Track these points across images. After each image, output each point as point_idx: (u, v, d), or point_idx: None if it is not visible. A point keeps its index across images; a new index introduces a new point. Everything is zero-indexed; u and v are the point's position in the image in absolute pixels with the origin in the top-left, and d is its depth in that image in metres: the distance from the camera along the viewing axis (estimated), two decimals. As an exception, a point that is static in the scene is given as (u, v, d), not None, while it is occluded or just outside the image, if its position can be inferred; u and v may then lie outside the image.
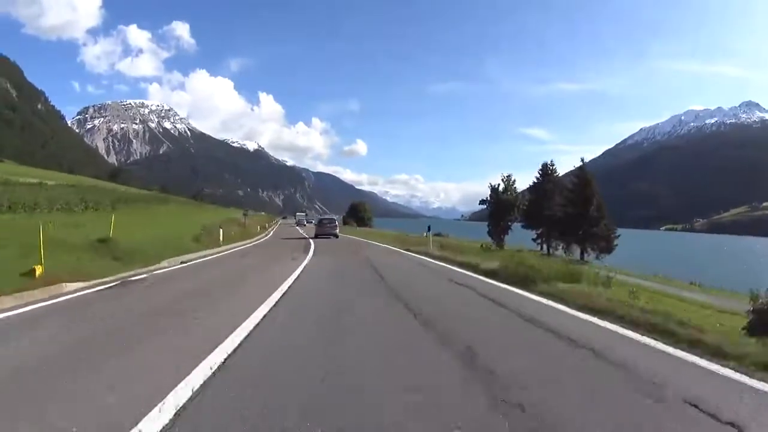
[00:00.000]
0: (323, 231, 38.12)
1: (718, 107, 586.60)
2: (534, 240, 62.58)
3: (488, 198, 56.99)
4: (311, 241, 33.16)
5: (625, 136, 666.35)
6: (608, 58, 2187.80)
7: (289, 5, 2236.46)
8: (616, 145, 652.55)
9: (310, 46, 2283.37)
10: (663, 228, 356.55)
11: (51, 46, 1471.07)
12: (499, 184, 56.64)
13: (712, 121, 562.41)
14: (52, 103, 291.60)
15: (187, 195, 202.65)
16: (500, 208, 54.37)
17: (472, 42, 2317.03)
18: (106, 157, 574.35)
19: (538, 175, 60.39)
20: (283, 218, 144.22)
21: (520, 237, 61.02)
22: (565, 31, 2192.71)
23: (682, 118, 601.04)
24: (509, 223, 55.60)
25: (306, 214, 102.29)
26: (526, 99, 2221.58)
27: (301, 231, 51.92)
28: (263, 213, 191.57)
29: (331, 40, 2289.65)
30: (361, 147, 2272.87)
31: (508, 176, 57.69)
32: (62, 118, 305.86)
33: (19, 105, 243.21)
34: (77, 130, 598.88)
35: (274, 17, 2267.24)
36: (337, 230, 39.69)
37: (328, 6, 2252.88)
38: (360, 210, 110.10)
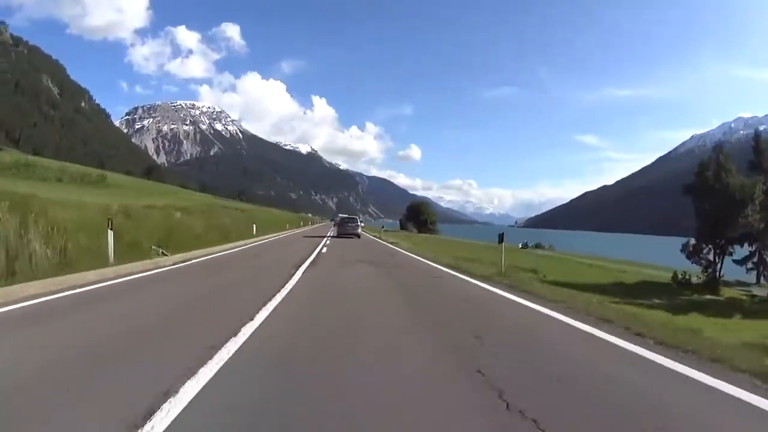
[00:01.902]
0: (344, 231, 35.94)
1: (767, 114, 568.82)
2: (740, 263, 35.62)
3: (696, 183, 30.34)
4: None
5: (676, 144, 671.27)
6: (657, 63, 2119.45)
7: (342, 9, 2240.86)
8: (668, 152, 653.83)
9: (363, 50, 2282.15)
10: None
11: (97, 46, 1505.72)
12: (709, 159, 30.41)
13: (762, 128, 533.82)
14: (96, 102, 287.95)
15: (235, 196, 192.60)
16: (725, 201, 27.14)
17: (524, 48, 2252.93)
18: (155, 157, 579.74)
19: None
20: (331, 220, 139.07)
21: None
22: (615, 36, 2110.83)
23: (732, 125, 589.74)
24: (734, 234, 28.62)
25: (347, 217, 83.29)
26: (577, 105, 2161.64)
27: (329, 233, 42.07)
28: (310, 214, 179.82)
29: (385, 44, 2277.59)
30: (415, 152, 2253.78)
31: (718, 146, 31.10)
32: (107, 116, 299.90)
33: (60, 103, 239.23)
34: (126, 130, 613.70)
35: (327, 20, 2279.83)
36: (359, 230, 37.98)
37: (382, 12, 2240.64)
38: (421, 212, 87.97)
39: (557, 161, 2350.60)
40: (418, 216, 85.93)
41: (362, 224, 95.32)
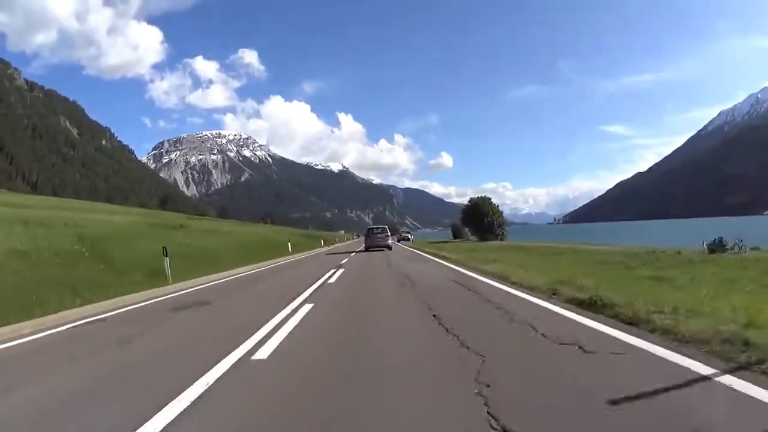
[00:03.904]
0: (374, 243, 32.58)
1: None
2: None
3: None
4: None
5: (705, 122, 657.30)
6: (674, 43, 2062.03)
7: (357, 24, 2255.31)
8: (698, 132, 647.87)
9: (383, 62, 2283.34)
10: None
11: (116, 84, 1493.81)
12: None
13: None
14: (118, 139, 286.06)
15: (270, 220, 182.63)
16: None
17: (542, 43, 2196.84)
18: (185, 190, 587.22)
19: None
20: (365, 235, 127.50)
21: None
22: (628, 19, 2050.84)
23: (759, 96, 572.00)
24: None
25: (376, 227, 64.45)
26: (600, 95, 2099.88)
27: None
28: (342, 231, 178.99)
29: (404, 54, 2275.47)
30: (446, 160, 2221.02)
31: None
32: (131, 152, 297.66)
33: (80, 142, 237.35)
34: (153, 165, 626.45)
35: (343, 36, 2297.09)
36: (389, 241, 33.77)
37: (397, 22, 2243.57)
38: (483, 212, 62.38)
39: (587, 154, 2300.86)
40: (480, 218, 61.84)
41: (411, 236, 67.94)
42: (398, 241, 55.84)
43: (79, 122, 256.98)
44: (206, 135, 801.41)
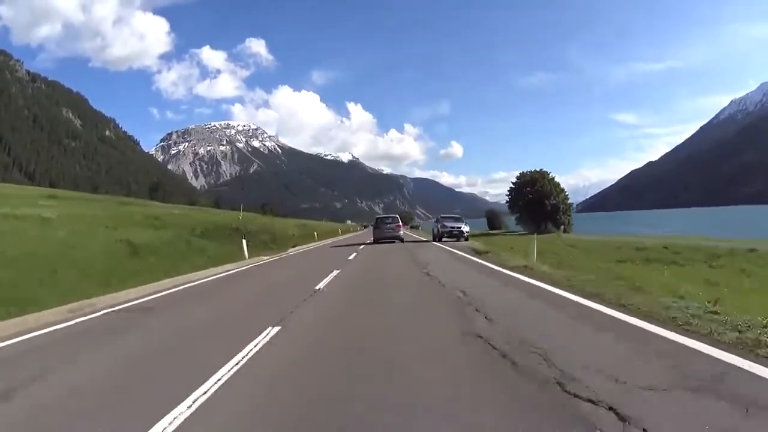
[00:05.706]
0: (383, 235, 28.49)
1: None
2: None
3: None
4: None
5: (716, 111, 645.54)
6: (682, 31, 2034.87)
7: (365, 14, 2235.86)
8: (710, 120, 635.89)
9: (392, 53, 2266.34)
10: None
11: (122, 76, 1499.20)
12: None
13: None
14: (123, 130, 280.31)
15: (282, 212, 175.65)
16: None
17: (550, 30, 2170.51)
18: (194, 181, 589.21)
19: None
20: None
21: None
22: (635, 10, 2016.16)
23: None
24: None
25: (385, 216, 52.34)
26: (610, 84, 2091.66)
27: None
28: (349, 221, 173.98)
29: (414, 45, 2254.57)
30: (456, 149, 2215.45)
31: None
32: (136, 143, 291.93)
33: (82, 133, 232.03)
34: (162, 157, 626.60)
35: (352, 26, 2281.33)
36: (401, 232, 29.11)
37: (405, 13, 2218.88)
38: (543, 192, 45.91)
39: (597, 142, 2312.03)
40: (540, 200, 45.11)
41: (466, 229, 32.04)
42: (438, 241, 29.12)
43: (83, 113, 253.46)
44: (214, 126, 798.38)
